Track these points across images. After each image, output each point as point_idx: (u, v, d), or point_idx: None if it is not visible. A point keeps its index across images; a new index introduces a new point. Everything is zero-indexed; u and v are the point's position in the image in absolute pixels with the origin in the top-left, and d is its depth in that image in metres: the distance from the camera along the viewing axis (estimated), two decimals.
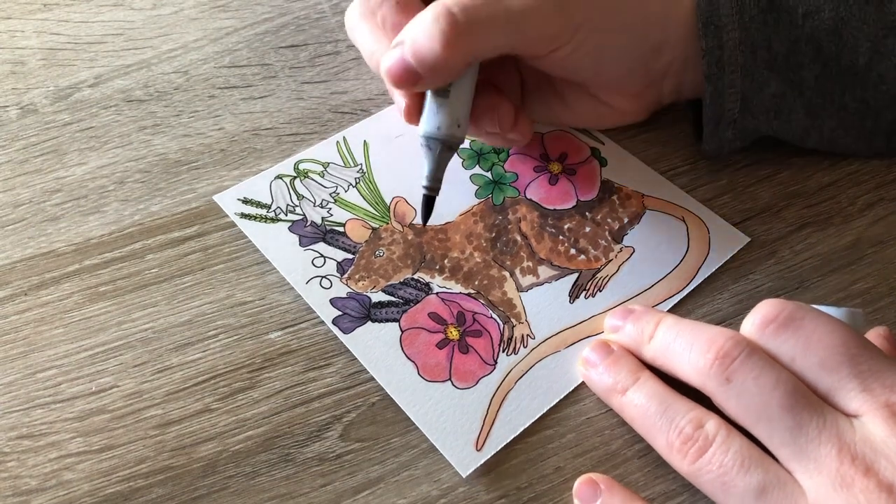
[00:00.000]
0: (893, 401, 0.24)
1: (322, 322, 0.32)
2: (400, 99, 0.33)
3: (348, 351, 0.32)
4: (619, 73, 0.35)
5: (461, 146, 0.38)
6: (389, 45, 0.32)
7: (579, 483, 0.28)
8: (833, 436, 0.24)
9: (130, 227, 0.36)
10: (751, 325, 0.27)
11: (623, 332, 0.31)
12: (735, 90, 0.34)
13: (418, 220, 0.36)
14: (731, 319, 0.33)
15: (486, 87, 0.34)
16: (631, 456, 0.29)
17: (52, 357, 0.32)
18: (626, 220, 0.36)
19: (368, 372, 0.31)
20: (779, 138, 0.36)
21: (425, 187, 0.33)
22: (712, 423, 0.26)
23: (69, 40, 0.44)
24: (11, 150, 0.39)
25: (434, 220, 0.35)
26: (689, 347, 0.27)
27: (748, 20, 0.32)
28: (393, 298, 0.33)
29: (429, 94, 0.32)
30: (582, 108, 0.38)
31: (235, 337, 0.32)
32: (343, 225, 0.35)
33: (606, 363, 0.30)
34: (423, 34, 0.29)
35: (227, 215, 0.36)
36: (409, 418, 0.30)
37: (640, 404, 0.28)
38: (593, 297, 0.33)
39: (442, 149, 0.32)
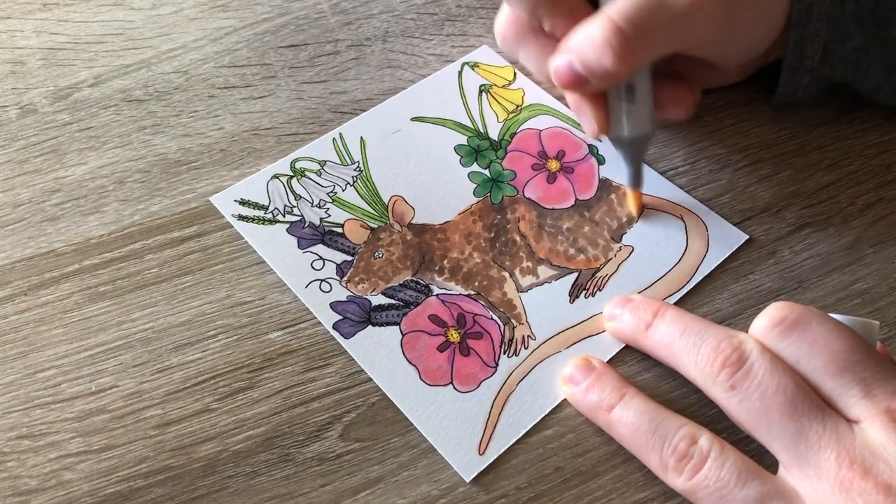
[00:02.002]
0: (894, 407, 0.24)
1: (322, 322, 0.32)
2: (589, 115, 0.33)
3: (348, 351, 0.32)
4: (757, 51, 0.36)
5: (462, 143, 0.38)
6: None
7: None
8: (832, 441, 0.24)
9: (130, 227, 0.36)
10: (759, 326, 0.27)
11: (621, 320, 0.31)
12: (819, 39, 0.34)
13: (417, 220, 0.36)
14: (730, 319, 0.33)
15: (666, 78, 0.35)
16: (631, 456, 0.29)
17: (52, 357, 0.32)
18: (624, 219, 0.36)
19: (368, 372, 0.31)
20: (852, 88, 0.36)
21: (632, 187, 0.35)
22: (705, 438, 0.26)
23: (69, 40, 0.44)
24: (11, 150, 0.39)
25: (432, 219, 0.36)
26: (695, 349, 0.27)
27: None
28: (393, 301, 0.33)
29: (618, 101, 0.33)
30: (689, 75, 0.38)
31: (235, 337, 0.32)
32: (342, 225, 0.35)
33: (590, 380, 0.30)
34: (591, 49, 0.30)
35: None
36: (408, 418, 0.30)
37: (630, 422, 0.28)
38: (593, 296, 0.33)
39: (639, 147, 0.34)
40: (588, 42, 0.30)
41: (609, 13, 0.30)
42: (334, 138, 0.38)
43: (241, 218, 0.36)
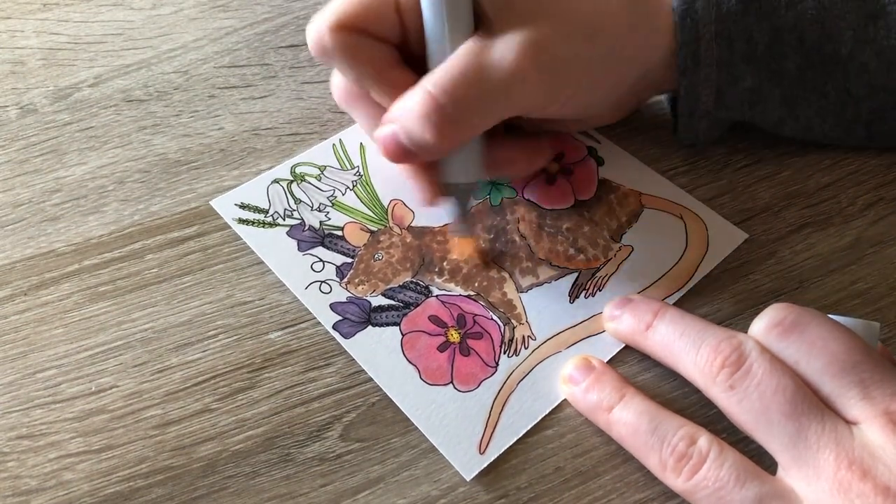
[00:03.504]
0: (893, 409, 0.24)
1: (322, 323, 0.32)
2: (418, 185, 0.33)
3: (348, 351, 0.32)
4: (607, 108, 0.36)
5: None
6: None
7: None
8: (831, 441, 0.24)
9: (130, 227, 0.36)
10: (758, 327, 0.27)
11: (620, 321, 0.31)
12: (710, 83, 0.34)
13: (417, 223, 0.36)
14: (731, 319, 0.33)
15: (501, 139, 0.34)
16: (631, 456, 0.29)
17: (51, 357, 0.32)
18: (624, 219, 0.36)
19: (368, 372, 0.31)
20: (754, 124, 0.36)
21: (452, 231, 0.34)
22: (704, 438, 0.26)
23: (69, 40, 0.44)
24: (11, 150, 0.39)
25: (432, 221, 0.36)
26: (694, 349, 0.27)
27: (725, 12, 0.32)
28: (393, 302, 0.33)
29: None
30: (562, 122, 0.37)
31: (235, 337, 0.32)
32: (341, 229, 0.35)
33: (589, 380, 0.30)
34: (413, 122, 0.29)
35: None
36: (408, 418, 0.30)
37: (629, 422, 0.28)
38: (593, 296, 0.33)
39: (464, 194, 0.33)
40: (409, 114, 0.29)
41: (426, 85, 0.28)
42: (334, 144, 0.39)
43: (242, 221, 0.36)
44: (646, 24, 0.33)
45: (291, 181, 0.37)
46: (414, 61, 0.31)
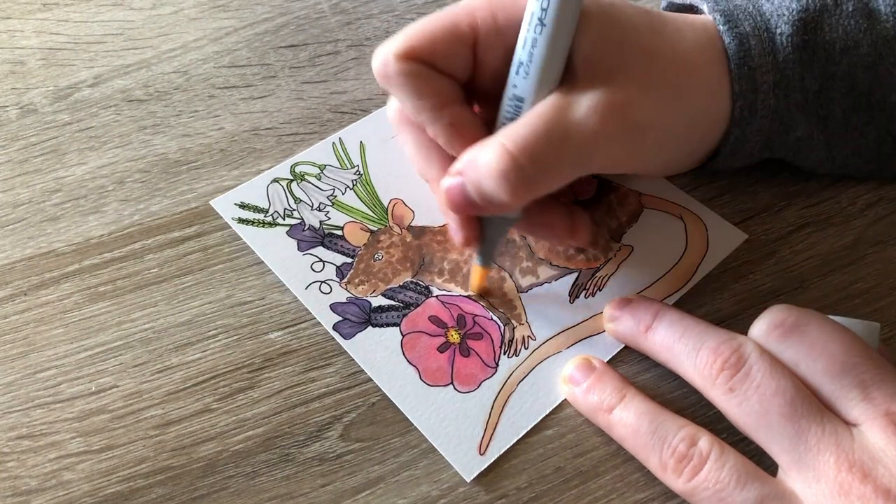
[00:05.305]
0: (893, 410, 0.24)
1: (322, 323, 0.32)
2: (456, 228, 0.31)
3: (348, 352, 0.32)
4: (691, 160, 0.34)
5: None
6: (437, 164, 0.31)
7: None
8: (831, 444, 0.24)
9: (130, 227, 0.36)
10: (758, 329, 0.27)
11: (620, 322, 0.31)
12: (761, 134, 0.32)
13: (417, 222, 0.36)
14: (730, 319, 0.33)
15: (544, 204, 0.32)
16: (631, 456, 0.29)
17: (52, 357, 0.32)
18: (624, 220, 0.36)
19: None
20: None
21: (480, 264, 0.32)
22: (705, 439, 0.26)
23: (69, 40, 0.44)
24: (11, 150, 0.39)
25: (432, 221, 0.36)
26: (694, 352, 0.27)
27: (782, 61, 0.31)
28: (393, 302, 0.33)
29: None
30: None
31: (235, 337, 0.32)
32: (341, 228, 0.35)
33: (590, 381, 0.30)
34: (486, 178, 0.27)
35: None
36: (408, 418, 0.30)
37: (630, 423, 0.28)
38: (593, 296, 0.33)
39: (500, 228, 0.32)
40: (484, 170, 0.27)
41: (506, 142, 0.27)
42: (334, 143, 0.38)
43: (241, 221, 0.36)
44: (708, 70, 0.31)
45: (291, 180, 0.37)
46: (478, 96, 0.31)
